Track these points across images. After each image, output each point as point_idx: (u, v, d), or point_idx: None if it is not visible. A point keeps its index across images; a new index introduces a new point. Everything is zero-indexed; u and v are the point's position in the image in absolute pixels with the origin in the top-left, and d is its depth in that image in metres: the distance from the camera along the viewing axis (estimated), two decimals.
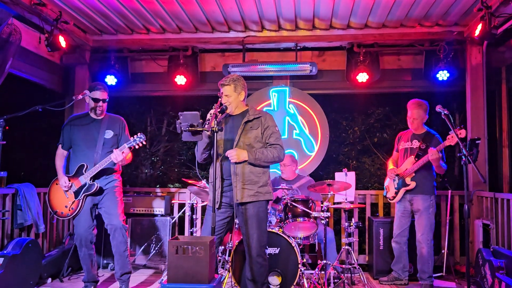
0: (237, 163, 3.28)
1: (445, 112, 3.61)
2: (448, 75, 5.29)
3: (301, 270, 3.89)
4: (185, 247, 2.73)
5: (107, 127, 3.97)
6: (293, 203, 4.13)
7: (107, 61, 5.59)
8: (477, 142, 3.56)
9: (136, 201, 5.32)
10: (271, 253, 3.91)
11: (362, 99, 7.49)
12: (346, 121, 8.16)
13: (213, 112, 3.19)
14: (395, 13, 4.98)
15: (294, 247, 3.92)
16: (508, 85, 5.62)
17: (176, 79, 5.63)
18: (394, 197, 4.47)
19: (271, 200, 3.46)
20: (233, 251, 3.93)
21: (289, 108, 5.85)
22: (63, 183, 3.86)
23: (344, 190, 4.46)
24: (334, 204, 4.82)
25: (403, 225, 4.47)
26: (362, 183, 7.66)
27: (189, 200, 4.85)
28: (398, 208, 4.51)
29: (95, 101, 3.92)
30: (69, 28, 5.01)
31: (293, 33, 5.53)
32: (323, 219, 4.13)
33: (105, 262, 5.12)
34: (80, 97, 3.93)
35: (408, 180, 4.34)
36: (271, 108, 5.86)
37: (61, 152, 4.02)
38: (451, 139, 3.88)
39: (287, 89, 5.87)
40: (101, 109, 3.96)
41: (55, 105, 3.97)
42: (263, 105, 5.88)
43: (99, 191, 3.87)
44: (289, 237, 4.00)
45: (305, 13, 5.04)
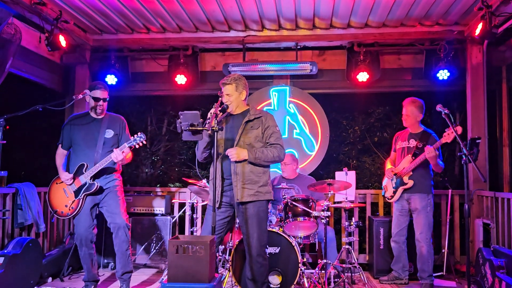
0: (237, 162, 3.28)
1: (446, 111, 3.60)
2: (448, 74, 5.29)
3: (301, 269, 3.89)
4: (186, 246, 2.73)
5: (108, 126, 3.96)
6: (294, 203, 4.13)
7: (107, 61, 5.60)
8: (477, 141, 3.56)
9: (136, 200, 5.32)
10: (271, 252, 3.91)
11: (362, 98, 7.47)
12: (346, 121, 8.14)
13: (213, 111, 3.19)
14: (395, 13, 4.98)
15: (294, 247, 3.92)
16: (508, 85, 5.62)
17: (176, 79, 5.63)
18: (392, 197, 4.48)
19: (271, 200, 3.45)
20: (233, 251, 3.93)
21: (289, 107, 5.85)
22: (64, 177, 3.85)
23: (344, 189, 4.47)
24: (334, 203, 4.83)
25: (401, 224, 4.47)
26: (362, 182, 7.64)
27: (190, 199, 4.86)
28: (396, 207, 4.51)
29: (96, 100, 3.91)
30: (69, 27, 5.01)
31: (293, 32, 5.53)
32: (323, 219, 4.13)
33: (105, 261, 5.12)
34: (80, 96, 3.93)
35: (405, 179, 4.34)
36: (272, 107, 5.85)
37: (61, 151, 4.02)
38: (447, 136, 3.90)
39: (288, 88, 5.86)
40: (102, 108, 3.96)
41: (55, 105, 3.97)
42: (264, 104, 5.88)
43: (99, 191, 3.87)
44: (289, 236, 4.00)
45: (306, 13, 5.04)
